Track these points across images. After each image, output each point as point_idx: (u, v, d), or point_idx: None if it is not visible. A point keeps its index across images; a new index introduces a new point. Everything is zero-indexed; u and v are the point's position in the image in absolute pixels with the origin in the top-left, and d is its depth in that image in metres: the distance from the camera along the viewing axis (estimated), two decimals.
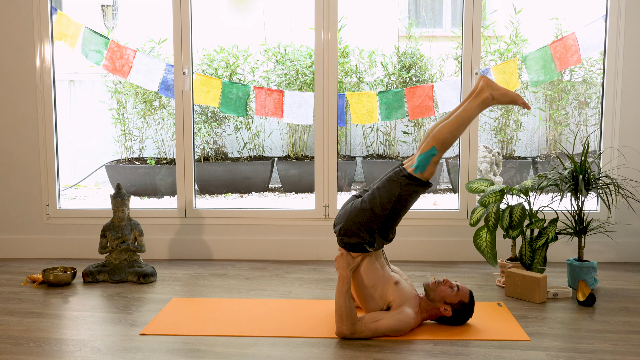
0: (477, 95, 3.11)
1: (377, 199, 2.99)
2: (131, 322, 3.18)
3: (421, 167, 3.01)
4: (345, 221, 3.02)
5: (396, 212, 3.01)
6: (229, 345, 2.88)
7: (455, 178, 6.49)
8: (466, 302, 3.07)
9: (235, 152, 6.85)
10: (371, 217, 2.98)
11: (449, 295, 3.04)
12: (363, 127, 6.82)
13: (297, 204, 6.28)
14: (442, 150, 3.03)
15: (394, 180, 3.03)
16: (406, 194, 3.01)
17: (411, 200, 3.04)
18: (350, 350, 2.81)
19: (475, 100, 3.09)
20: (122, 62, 4.53)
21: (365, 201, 3.02)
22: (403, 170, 3.05)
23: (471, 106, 3.08)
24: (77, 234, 4.49)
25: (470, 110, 3.07)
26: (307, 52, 6.48)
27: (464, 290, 3.08)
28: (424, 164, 3.01)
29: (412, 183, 3.01)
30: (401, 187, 3.00)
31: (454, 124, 3.05)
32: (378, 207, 2.99)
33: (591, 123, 6.58)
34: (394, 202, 2.99)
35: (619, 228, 4.37)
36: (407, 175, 3.01)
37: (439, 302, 3.05)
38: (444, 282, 3.06)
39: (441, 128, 3.05)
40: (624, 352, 2.81)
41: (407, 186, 3.00)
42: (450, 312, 3.04)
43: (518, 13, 6.54)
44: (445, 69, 6.68)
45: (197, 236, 4.46)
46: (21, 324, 3.16)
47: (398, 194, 2.99)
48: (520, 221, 3.66)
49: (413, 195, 3.03)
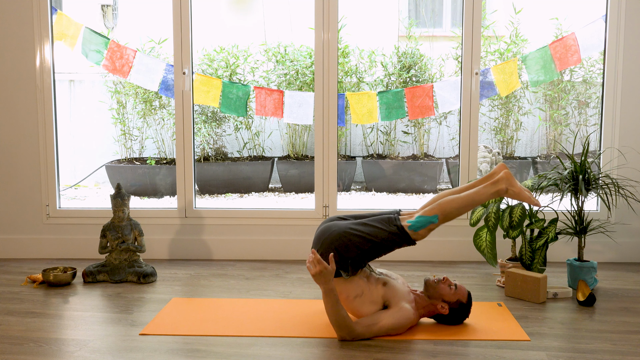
0: (493, 184, 3.14)
1: (360, 235, 3.00)
2: (131, 322, 3.18)
3: (417, 227, 3.03)
4: (322, 248, 3.02)
5: (372, 254, 3.01)
6: (229, 345, 2.88)
7: (455, 178, 6.49)
8: (464, 302, 3.07)
9: (235, 152, 6.85)
10: (347, 248, 2.98)
11: (448, 294, 3.05)
12: (363, 127, 6.82)
13: (297, 204, 6.29)
14: (443, 221, 3.07)
15: (384, 225, 3.05)
16: (390, 242, 3.03)
17: (392, 249, 3.06)
18: (350, 350, 2.81)
19: (491, 188, 3.13)
20: (122, 62, 4.54)
21: (348, 231, 3.01)
22: (397, 220, 3.07)
23: (485, 192, 3.12)
24: (77, 234, 4.49)
25: (483, 195, 3.12)
26: (307, 52, 6.48)
27: (463, 290, 3.09)
28: (420, 225, 3.03)
29: (401, 236, 3.03)
30: (389, 234, 3.02)
31: (463, 202, 3.09)
32: (358, 242, 2.99)
33: (591, 123, 6.58)
34: (376, 243, 3.00)
35: (619, 228, 4.37)
36: (400, 227, 3.03)
37: (437, 299, 3.06)
38: (444, 280, 3.07)
39: (450, 201, 3.08)
40: (624, 352, 2.81)
41: (395, 236, 3.03)
42: (447, 310, 3.05)
43: (518, 13, 6.55)
44: (445, 69, 6.69)
45: (197, 236, 4.47)
46: (21, 324, 3.16)
47: (382, 238, 3.01)
48: (520, 221, 3.66)
49: (395, 246, 3.05)
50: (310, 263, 2.86)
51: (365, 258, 2.99)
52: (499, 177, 3.15)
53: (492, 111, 6.66)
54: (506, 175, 3.15)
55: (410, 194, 6.49)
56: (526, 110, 6.67)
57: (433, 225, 3.04)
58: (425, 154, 6.78)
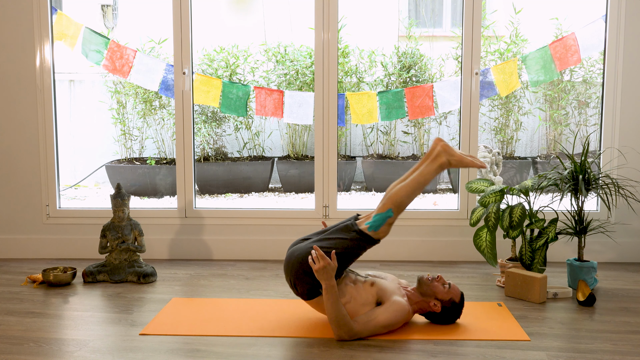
0: (434, 160, 3.15)
1: (323, 250, 2.99)
2: (131, 322, 3.18)
3: (376, 226, 3.05)
4: (291, 274, 3.04)
5: (341, 264, 3.01)
6: (229, 345, 2.88)
7: (455, 178, 6.49)
8: (456, 302, 3.09)
9: (235, 152, 6.85)
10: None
11: (441, 292, 3.06)
12: (363, 127, 6.82)
13: (297, 204, 6.29)
14: (398, 212, 3.08)
15: (344, 234, 3.06)
16: (355, 248, 3.04)
17: (358, 254, 3.06)
18: (350, 350, 2.81)
19: (432, 164, 3.14)
20: (122, 62, 4.54)
21: (310, 251, 3.01)
22: (354, 225, 3.08)
23: (428, 170, 3.13)
24: (77, 234, 4.49)
25: (428, 174, 3.13)
26: (307, 52, 6.48)
27: (456, 289, 3.10)
28: (379, 224, 3.04)
29: (362, 239, 3.04)
30: (351, 241, 3.03)
31: (410, 188, 3.10)
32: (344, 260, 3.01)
33: (591, 123, 6.58)
34: (340, 254, 3.00)
35: (619, 228, 4.37)
36: (358, 231, 3.05)
37: (430, 296, 3.07)
38: (437, 279, 3.09)
39: (398, 190, 3.10)
40: (624, 352, 2.81)
41: (357, 241, 3.04)
42: (440, 308, 3.06)
43: (518, 13, 6.55)
44: (445, 69, 6.69)
45: (197, 236, 4.47)
46: (21, 324, 3.16)
47: (345, 247, 3.02)
48: (520, 221, 3.66)
49: (361, 250, 3.06)
50: (314, 259, 2.88)
51: (337, 270, 3.00)
52: (438, 151, 3.15)
53: (492, 111, 6.66)
54: (443, 147, 3.15)
55: None
56: (526, 110, 6.67)
57: (391, 220, 3.06)
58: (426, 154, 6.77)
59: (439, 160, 3.14)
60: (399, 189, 3.10)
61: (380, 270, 4.12)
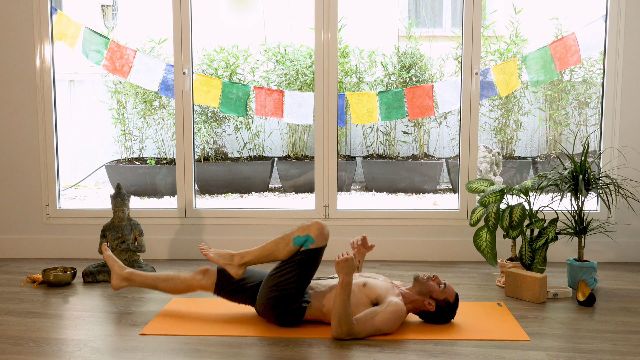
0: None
1: (277, 288, 3.02)
2: (131, 322, 3.18)
3: (305, 242, 3.05)
4: (265, 318, 3.09)
5: (302, 285, 3.04)
6: (229, 345, 2.88)
7: (455, 178, 6.49)
8: (451, 302, 3.09)
9: (235, 152, 6.85)
10: (283, 304, 3.02)
11: (436, 291, 3.07)
12: (363, 127, 6.82)
13: (297, 204, 6.29)
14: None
15: (288, 261, 3.06)
16: (310, 262, 3.04)
17: (318, 261, 3.07)
18: (350, 350, 2.81)
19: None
20: (122, 62, 4.54)
21: (268, 294, 3.04)
22: (291, 258, 3.06)
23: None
24: (77, 234, 4.49)
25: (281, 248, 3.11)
26: (307, 52, 6.48)
27: (451, 289, 3.10)
28: (304, 239, 3.05)
29: (308, 254, 3.04)
30: (294, 265, 3.03)
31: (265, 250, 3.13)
32: (283, 293, 3.02)
33: (591, 123, 6.58)
34: (297, 276, 3.02)
35: (619, 228, 4.37)
36: (299, 252, 3.05)
37: (425, 295, 3.07)
38: (433, 278, 3.09)
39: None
40: (624, 352, 2.81)
41: (299, 259, 3.04)
42: (434, 307, 3.07)
43: (518, 13, 6.55)
44: (445, 69, 6.69)
45: (197, 236, 4.47)
46: (21, 324, 3.16)
47: (297, 271, 3.03)
48: (520, 221, 3.66)
49: (316, 259, 3.06)
50: (342, 256, 2.91)
51: (300, 293, 3.03)
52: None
53: (492, 111, 6.66)
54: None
55: (410, 194, 6.49)
56: (526, 110, 6.67)
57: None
58: (425, 154, 6.78)
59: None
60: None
61: (380, 271, 4.12)
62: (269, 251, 3.09)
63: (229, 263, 3.12)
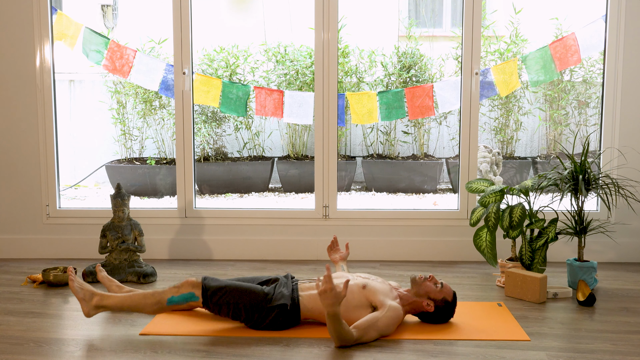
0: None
1: (235, 303, 3.06)
2: (131, 322, 3.18)
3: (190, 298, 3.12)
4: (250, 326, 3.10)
5: (237, 289, 3.07)
6: (229, 345, 2.88)
7: (455, 178, 6.49)
8: (449, 301, 3.08)
9: (235, 152, 6.85)
10: (251, 308, 3.04)
11: (433, 291, 3.06)
12: (363, 127, 6.82)
13: (297, 204, 6.29)
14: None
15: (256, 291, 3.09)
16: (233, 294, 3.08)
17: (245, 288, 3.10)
18: (351, 351, 2.81)
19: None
20: (122, 62, 4.54)
21: (233, 312, 3.08)
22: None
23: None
24: (77, 234, 4.49)
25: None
26: (307, 52, 6.48)
27: (448, 288, 3.10)
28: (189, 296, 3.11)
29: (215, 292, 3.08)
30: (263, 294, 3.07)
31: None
32: (242, 308, 3.05)
33: (591, 123, 6.58)
34: (250, 295, 3.06)
35: (619, 228, 4.37)
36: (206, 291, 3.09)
37: (422, 296, 3.06)
38: (429, 278, 3.08)
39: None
40: (624, 352, 2.81)
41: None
42: (433, 307, 3.06)
43: (518, 13, 6.55)
44: (445, 69, 6.68)
45: (197, 236, 4.47)
46: (21, 324, 3.16)
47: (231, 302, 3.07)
48: (520, 221, 3.66)
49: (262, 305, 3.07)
50: (322, 279, 2.72)
51: (258, 305, 3.04)
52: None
53: (492, 111, 6.66)
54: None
55: (410, 194, 6.49)
56: (526, 110, 6.67)
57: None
58: (425, 154, 6.78)
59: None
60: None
61: (380, 271, 4.12)
62: (134, 303, 3.10)
63: (86, 300, 3.08)
